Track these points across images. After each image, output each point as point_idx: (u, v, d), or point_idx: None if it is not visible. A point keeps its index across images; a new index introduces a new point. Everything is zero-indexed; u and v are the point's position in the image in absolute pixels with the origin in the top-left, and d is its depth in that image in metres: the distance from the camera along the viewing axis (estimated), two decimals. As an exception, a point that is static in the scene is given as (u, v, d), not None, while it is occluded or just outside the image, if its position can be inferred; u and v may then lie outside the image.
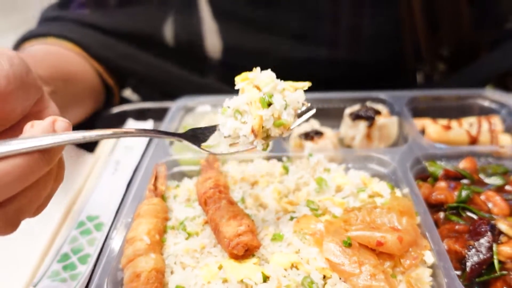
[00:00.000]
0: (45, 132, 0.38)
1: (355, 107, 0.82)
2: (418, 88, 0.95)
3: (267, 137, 0.47)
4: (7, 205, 0.38)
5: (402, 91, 0.87)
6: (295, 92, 0.49)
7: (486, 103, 0.86)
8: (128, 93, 1.18)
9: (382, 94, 0.86)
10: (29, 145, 0.36)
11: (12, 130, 0.45)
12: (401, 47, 0.96)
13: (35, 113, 0.47)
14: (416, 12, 0.89)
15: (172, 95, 0.99)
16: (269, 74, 0.48)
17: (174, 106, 0.89)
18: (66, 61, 0.86)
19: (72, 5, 1.00)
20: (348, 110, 0.82)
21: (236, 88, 0.50)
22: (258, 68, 0.50)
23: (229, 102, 0.48)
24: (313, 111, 0.52)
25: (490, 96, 0.86)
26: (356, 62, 1.00)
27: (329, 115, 0.87)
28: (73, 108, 0.84)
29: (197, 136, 0.51)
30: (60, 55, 0.86)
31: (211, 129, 0.51)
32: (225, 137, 0.48)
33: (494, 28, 1.00)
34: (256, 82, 0.48)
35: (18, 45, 0.92)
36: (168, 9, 1.06)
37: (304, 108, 0.50)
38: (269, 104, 0.46)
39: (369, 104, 0.83)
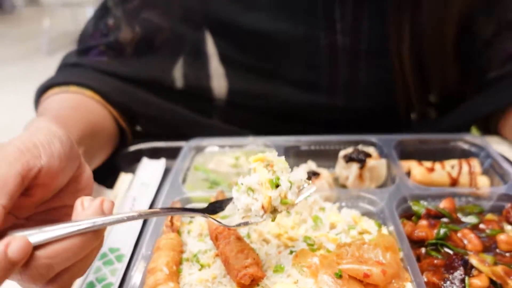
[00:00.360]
0: (96, 213, 0.48)
1: (349, 150, 0.91)
2: (406, 132, 1.04)
3: (274, 211, 0.56)
4: (63, 274, 0.47)
5: (390, 135, 0.97)
6: (298, 171, 0.58)
7: (466, 147, 0.95)
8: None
9: (372, 138, 0.96)
10: (85, 227, 0.46)
11: (55, 196, 0.54)
12: (394, 96, 1.07)
13: (74, 178, 0.55)
14: (406, 66, 1.00)
15: (180, 134, 1.08)
16: (283, 160, 0.57)
17: (186, 146, 0.98)
18: (91, 114, 0.94)
19: (92, 53, 1.07)
20: (342, 153, 0.91)
21: (249, 167, 0.59)
22: (275, 152, 0.59)
23: (243, 180, 0.57)
24: (314, 188, 0.62)
25: (470, 140, 0.96)
26: (352, 108, 1.11)
27: (326, 156, 0.97)
28: (97, 157, 0.92)
29: (216, 209, 0.61)
30: (85, 108, 0.94)
31: (227, 201, 0.61)
32: (238, 210, 0.57)
33: (477, 78, 1.10)
34: (275, 168, 0.57)
35: (42, 92, 1.00)
36: (179, 56, 1.17)
37: (306, 185, 0.59)
38: (277, 185, 0.55)
39: (361, 147, 0.92)
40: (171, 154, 1.00)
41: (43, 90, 1.00)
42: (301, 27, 1.02)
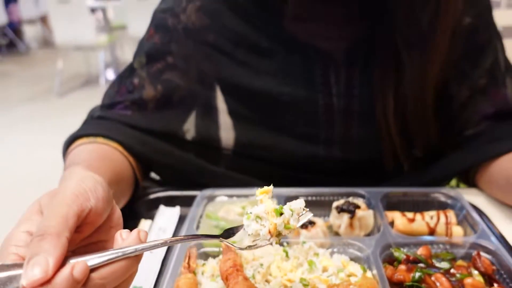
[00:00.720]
0: (135, 242, 0.59)
1: (341, 201, 1.05)
2: (395, 182, 1.18)
3: (279, 234, 0.67)
4: None
5: (378, 188, 1.11)
6: (297, 201, 0.69)
7: (443, 199, 1.09)
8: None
9: (361, 190, 1.10)
10: (129, 252, 0.57)
11: (93, 232, 0.64)
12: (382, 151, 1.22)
13: (108, 217, 0.65)
14: (391, 127, 1.16)
15: (192, 182, 1.21)
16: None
17: (199, 196, 1.12)
18: (116, 163, 1.07)
19: (117, 107, 1.22)
20: (335, 204, 1.04)
21: (256, 198, 0.70)
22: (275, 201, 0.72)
23: (252, 209, 0.68)
24: (311, 214, 0.72)
25: (447, 192, 1.09)
26: (348, 160, 1.25)
27: (321, 205, 1.10)
28: (120, 202, 1.05)
29: (230, 235, 0.71)
30: (111, 158, 1.07)
31: (239, 228, 0.71)
32: (249, 235, 0.68)
33: (456, 135, 1.25)
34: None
35: (72, 141, 1.13)
36: (192, 110, 1.31)
37: (304, 212, 0.71)
38: (281, 213, 0.67)
39: (351, 199, 1.06)
40: (185, 202, 1.14)
41: (72, 140, 1.14)
42: (301, 90, 1.18)
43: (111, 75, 7.83)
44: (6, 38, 9.69)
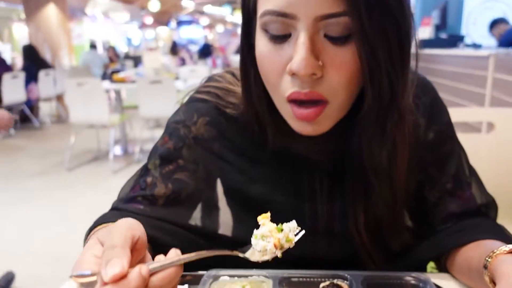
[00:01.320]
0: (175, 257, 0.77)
1: (327, 282, 1.23)
2: (374, 268, 1.36)
3: (281, 248, 0.85)
4: None
5: (359, 272, 1.29)
6: (292, 222, 0.89)
7: (414, 282, 1.26)
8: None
9: (345, 273, 1.28)
10: (177, 259, 0.75)
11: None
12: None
13: (141, 260, 0.80)
14: (364, 238, 1.32)
15: (197, 264, 1.38)
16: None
17: (206, 275, 1.30)
18: None
19: (132, 202, 1.39)
20: (321, 285, 1.23)
21: (259, 223, 0.89)
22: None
23: (257, 232, 0.86)
24: (303, 232, 0.89)
25: (417, 276, 1.26)
26: (331, 257, 1.41)
27: (311, 286, 1.28)
28: None
29: (244, 252, 0.89)
30: None
31: (250, 246, 0.88)
32: (259, 251, 0.85)
33: (427, 231, 1.43)
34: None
35: (94, 226, 1.27)
36: (196, 206, 1.50)
37: (297, 231, 0.89)
38: (281, 230, 0.86)
39: (336, 281, 1.24)
40: (193, 281, 1.32)
41: (92, 229, 1.27)
42: (291, 198, 1.38)
43: (118, 150, 8.19)
44: (22, 114, 10.23)
